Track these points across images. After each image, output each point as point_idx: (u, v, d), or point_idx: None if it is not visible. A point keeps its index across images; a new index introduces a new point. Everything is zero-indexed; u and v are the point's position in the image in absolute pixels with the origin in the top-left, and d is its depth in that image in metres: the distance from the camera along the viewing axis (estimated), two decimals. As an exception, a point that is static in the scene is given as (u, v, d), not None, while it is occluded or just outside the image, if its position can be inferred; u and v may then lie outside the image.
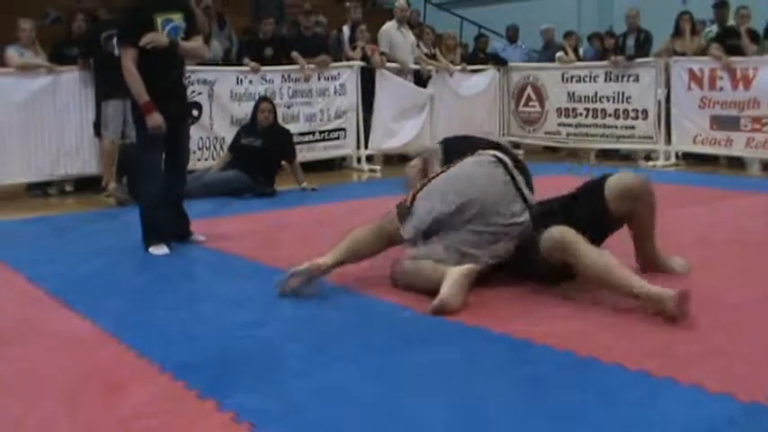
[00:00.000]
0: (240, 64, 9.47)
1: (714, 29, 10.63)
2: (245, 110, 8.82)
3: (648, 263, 4.45)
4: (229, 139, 8.56)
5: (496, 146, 4.65)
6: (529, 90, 11.62)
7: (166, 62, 5.34)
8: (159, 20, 5.25)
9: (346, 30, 10.88)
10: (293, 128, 9.11)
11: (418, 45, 10.94)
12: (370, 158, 10.26)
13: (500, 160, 4.35)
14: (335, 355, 3.27)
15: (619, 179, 4.19)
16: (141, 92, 5.18)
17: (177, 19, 5.33)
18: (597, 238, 4.11)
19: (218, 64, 9.49)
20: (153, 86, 5.21)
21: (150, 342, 3.45)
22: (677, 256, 4.51)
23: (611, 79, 10.58)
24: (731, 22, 10.20)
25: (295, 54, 9.64)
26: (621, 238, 4.37)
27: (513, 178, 4.28)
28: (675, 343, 3.28)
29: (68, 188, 8.62)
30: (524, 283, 4.19)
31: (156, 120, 5.17)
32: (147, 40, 5.16)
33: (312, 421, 2.61)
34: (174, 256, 5.26)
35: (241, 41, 10.40)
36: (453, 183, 4.32)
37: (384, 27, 10.63)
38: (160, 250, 5.29)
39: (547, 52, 12.08)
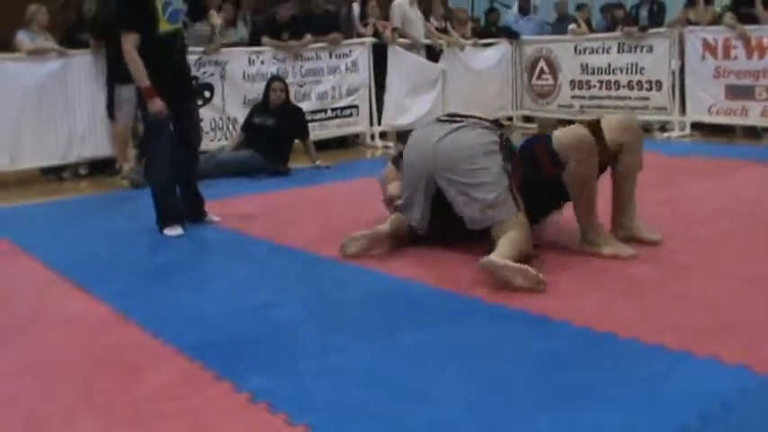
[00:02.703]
0: (254, 44, 9.43)
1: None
2: (257, 90, 8.79)
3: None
4: (242, 119, 8.54)
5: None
6: (542, 63, 11.54)
7: (169, 45, 5.33)
8: (159, 3, 5.24)
9: (356, 6, 10.82)
10: (305, 106, 9.08)
11: (428, 20, 10.88)
12: (383, 135, 10.23)
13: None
14: (351, 335, 3.27)
15: (562, 132, 4.38)
16: (142, 77, 5.18)
17: (176, 2, 5.32)
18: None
19: (246, 45, 9.46)
20: (156, 69, 5.21)
21: (166, 324, 3.47)
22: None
23: (624, 50, 10.48)
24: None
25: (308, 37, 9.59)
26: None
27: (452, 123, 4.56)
28: (691, 316, 3.27)
29: (82, 171, 8.61)
30: (538, 257, 4.19)
31: (157, 105, 5.19)
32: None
33: (328, 401, 2.62)
34: (188, 238, 5.26)
35: (254, 22, 10.36)
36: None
37: (396, 2, 10.55)
38: (174, 231, 5.31)
39: (560, 25, 11.99)
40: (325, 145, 9.38)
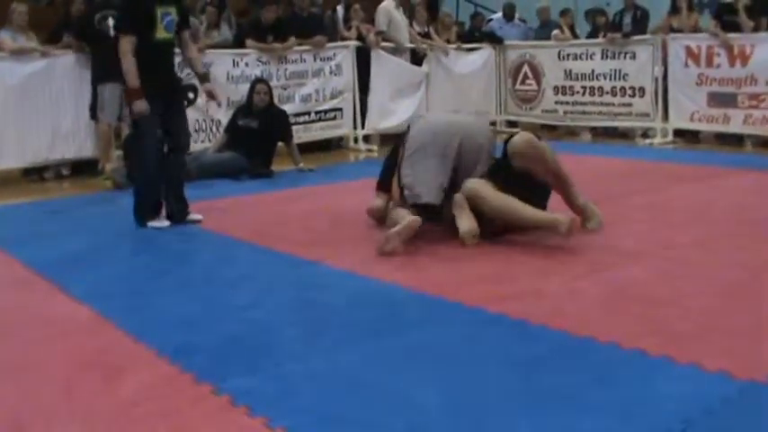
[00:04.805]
0: (238, 46, 9.42)
1: None
2: (241, 92, 8.77)
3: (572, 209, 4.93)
4: (225, 121, 8.53)
5: None
6: (525, 68, 11.56)
7: (163, 51, 5.54)
8: (159, 12, 5.44)
9: (340, 9, 10.83)
10: (289, 108, 9.07)
11: (412, 24, 10.89)
12: (366, 138, 10.23)
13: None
14: (332, 338, 3.27)
15: (511, 142, 4.78)
16: (133, 77, 5.32)
17: (173, 13, 5.53)
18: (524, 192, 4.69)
19: (230, 47, 9.46)
20: (151, 72, 5.37)
21: (147, 326, 3.46)
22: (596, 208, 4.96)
23: (607, 57, 10.52)
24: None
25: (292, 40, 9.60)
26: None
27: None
28: (672, 321, 3.29)
29: (65, 172, 8.57)
30: (516, 258, 4.22)
31: (139, 106, 5.34)
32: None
33: (309, 404, 2.62)
34: (170, 239, 5.25)
35: (240, 24, 10.35)
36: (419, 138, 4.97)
37: (382, 5, 10.54)
38: (160, 223, 5.47)
39: (544, 31, 12.02)
40: (308, 148, 9.37)
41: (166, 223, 5.49)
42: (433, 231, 4.90)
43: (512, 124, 11.90)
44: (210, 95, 5.97)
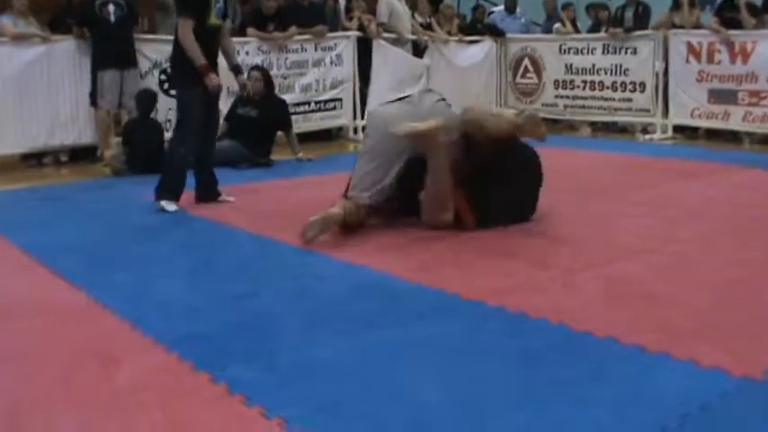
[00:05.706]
0: (241, 34, 9.41)
1: None
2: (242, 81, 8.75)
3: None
4: (225, 110, 8.51)
5: None
6: (526, 61, 11.57)
7: (213, 37, 5.80)
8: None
9: (342, 0, 10.81)
10: (289, 98, 9.07)
11: (413, 16, 10.89)
12: (365, 129, 10.21)
13: None
14: (331, 328, 3.27)
15: None
16: (198, 55, 5.61)
17: (221, 0, 5.81)
18: None
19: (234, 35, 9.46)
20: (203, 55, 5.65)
21: (145, 314, 3.46)
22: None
23: (608, 51, 10.52)
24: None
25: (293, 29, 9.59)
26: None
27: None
28: (670, 318, 3.29)
29: (63, 158, 8.57)
30: (515, 251, 4.21)
31: (213, 80, 5.65)
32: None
33: (306, 394, 2.61)
34: (169, 227, 5.26)
35: (243, 12, 10.33)
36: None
37: (384, -4, 10.54)
38: (171, 206, 5.61)
39: (549, 23, 12.02)
40: (308, 137, 9.36)
41: (174, 208, 5.62)
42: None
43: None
44: (244, 88, 6.41)
